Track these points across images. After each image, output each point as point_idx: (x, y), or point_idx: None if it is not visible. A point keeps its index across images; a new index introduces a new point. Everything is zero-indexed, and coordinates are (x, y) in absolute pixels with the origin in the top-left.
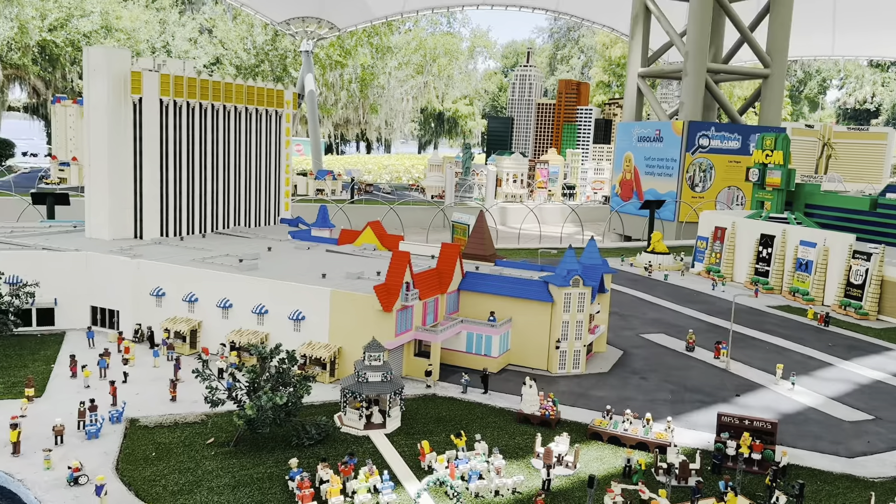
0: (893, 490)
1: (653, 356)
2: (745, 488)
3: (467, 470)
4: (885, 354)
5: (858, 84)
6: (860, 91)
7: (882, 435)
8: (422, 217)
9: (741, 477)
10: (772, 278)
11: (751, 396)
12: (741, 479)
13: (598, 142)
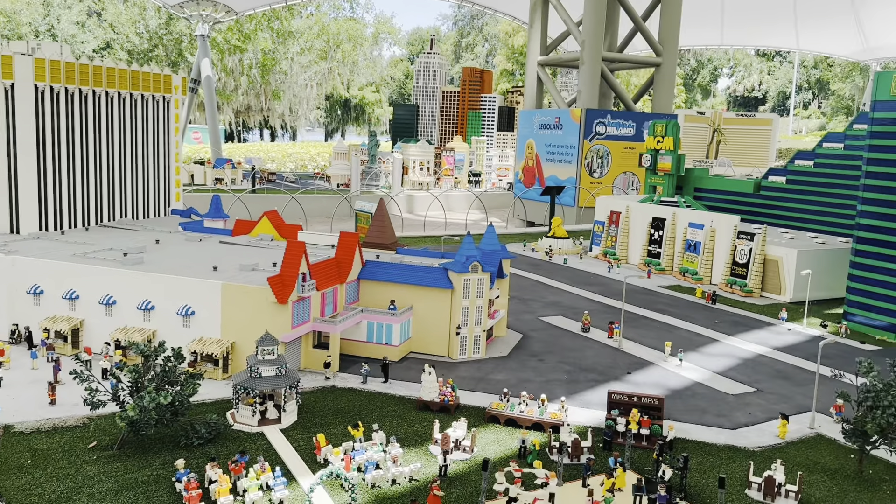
0: (771, 458)
1: (550, 338)
2: (634, 463)
3: (364, 461)
4: (767, 329)
5: (747, 73)
6: (748, 79)
7: (763, 406)
8: (327, 206)
9: (630, 452)
10: (663, 259)
11: (641, 374)
12: (630, 454)
13: (503, 129)
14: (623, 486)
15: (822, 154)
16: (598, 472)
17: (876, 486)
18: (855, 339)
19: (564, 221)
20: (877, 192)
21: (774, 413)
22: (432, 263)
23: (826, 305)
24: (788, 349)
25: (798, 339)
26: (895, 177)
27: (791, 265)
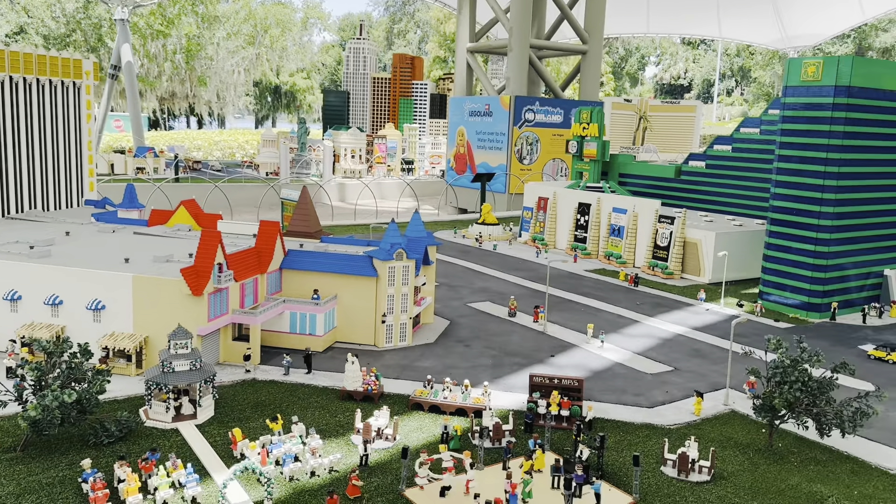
0: (686, 434)
1: (477, 324)
2: (554, 444)
3: (282, 454)
4: (685, 310)
5: (673, 61)
6: (674, 67)
7: (679, 384)
8: (254, 195)
9: (550, 434)
10: (589, 244)
11: (565, 356)
12: (550, 435)
13: (435, 116)
14: (542, 467)
15: (739, 139)
16: (517, 454)
17: (785, 459)
18: (770, 317)
19: (496, 208)
20: (789, 175)
21: (691, 391)
22: (357, 252)
23: (743, 285)
24: (706, 328)
25: (715, 318)
26: (806, 160)
27: (709, 247)
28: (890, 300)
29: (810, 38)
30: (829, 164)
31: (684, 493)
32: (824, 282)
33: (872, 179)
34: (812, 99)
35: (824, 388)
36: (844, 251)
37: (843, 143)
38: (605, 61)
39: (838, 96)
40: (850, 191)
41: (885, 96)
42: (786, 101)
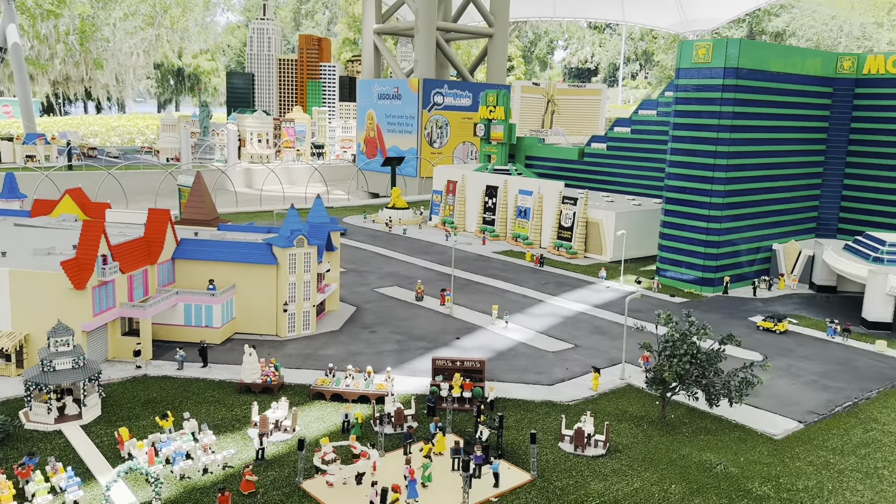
0: (583, 410)
1: (384, 309)
2: (456, 426)
3: (171, 452)
4: (588, 288)
5: (580, 45)
6: (581, 51)
7: (579, 361)
8: (153, 182)
9: (452, 416)
10: (497, 226)
11: (469, 338)
12: (452, 418)
13: (345, 99)
14: (443, 450)
15: (638, 121)
16: (419, 438)
17: (677, 430)
18: (666, 293)
19: (407, 192)
20: (682, 156)
21: (590, 367)
22: (256, 239)
23: (642, 263)
24: (606, 306)
25: (615, 295)
26: (697, 140)
27: (610, 227)
28: (778, 273)
29: (708, 23)
30: (719, 144)
31: (580, 468)
32: (717, 257)
33: (760, 158)
34: (703, 81)
35: (712, 359)
36: (735, 227)
37: (732, 123)
38: (516, 45)
39: (727, 78)
40: (739, 169)
41: (771, 78)
42: (678, 82)
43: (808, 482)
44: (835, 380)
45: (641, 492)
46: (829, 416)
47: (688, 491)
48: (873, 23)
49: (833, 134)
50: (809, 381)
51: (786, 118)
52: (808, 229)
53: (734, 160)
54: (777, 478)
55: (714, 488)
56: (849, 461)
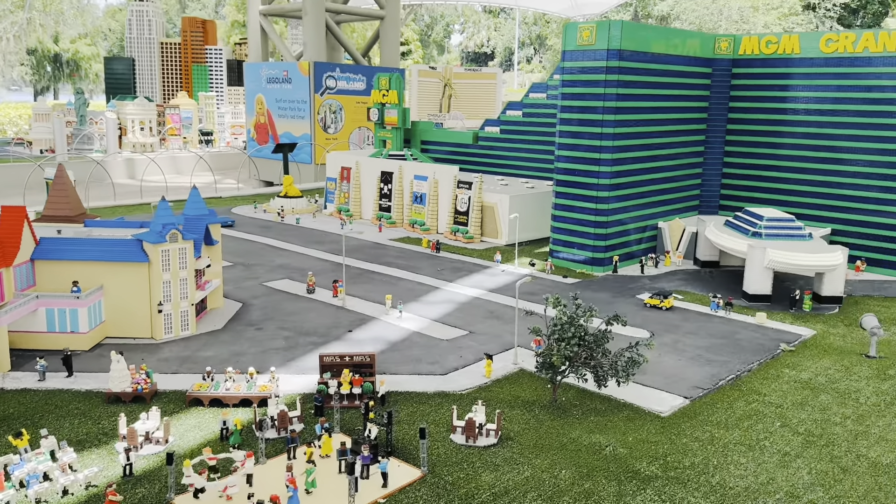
0: (476, 398)
1: (272, 304)
2: (345, 425)
3: (25, 474)
4: (483, 272)
5: (476, 29)
6: (478, 35)
7: (473, 348)
8: (23, 176)
9: (341, 415)
10: (394, 213)
11: (362, 330)
12: (341, 416)
13: (234, 84)
14: (329, 451)
15: (529, 104)
16: (304, 441)
17: (568, 413)
18: (559, 274)
19: (302, 180)
20: (569, 138)
21: (483, 354)
22: (125, 235)
23: (537, 245)
24: (500, 290)
25: (510, 279)
26: (584, 122)
27: (504, 210)
28: (664, 250)
29: (597, 6)
30: (604, 126)
31: (472, 460)
32: (605, 237)
33: (644, 139)
34: (587, 63)
35: (600, 341)
36: (622, 207)
37: (616, 104)
38: (412, 29)
39: (611, 59)
40: (624, 150)
41: (653, 59)
42: (564, 65)
43: (694, 459)
44: (719, 353)
45: (532, 480)
46: (714, 391)
47: (578, 475)
48: (750, 7)
49: (713, 113)
50: (694, 355)
51: (668, 98)
52: (691, 206)
53: (619, 141)
54: (664, 456)
55: (603, 471)
56: (733, 435)
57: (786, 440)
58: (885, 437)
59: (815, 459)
